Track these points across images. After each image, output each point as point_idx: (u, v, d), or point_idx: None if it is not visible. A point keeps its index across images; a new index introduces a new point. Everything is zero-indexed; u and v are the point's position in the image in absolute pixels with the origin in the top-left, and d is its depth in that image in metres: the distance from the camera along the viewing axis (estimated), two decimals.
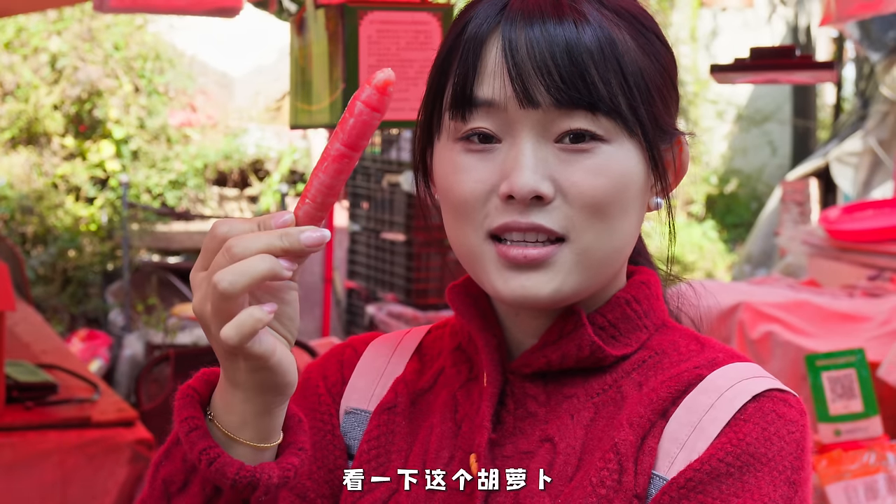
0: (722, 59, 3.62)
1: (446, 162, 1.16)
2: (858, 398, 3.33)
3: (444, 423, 1.23)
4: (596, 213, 1.12)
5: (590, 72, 1.10)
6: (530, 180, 1.10)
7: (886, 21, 8.47)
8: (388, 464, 1.23)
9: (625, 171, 1.13)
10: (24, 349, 4.32)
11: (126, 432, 3.59)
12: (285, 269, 1.03)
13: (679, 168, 1.22)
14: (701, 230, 12.38)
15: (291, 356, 1.08)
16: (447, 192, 1.17)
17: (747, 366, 1.16)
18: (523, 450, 1.17)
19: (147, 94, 10.07)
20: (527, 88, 1.10)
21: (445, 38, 1.20)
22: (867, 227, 5.70)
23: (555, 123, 1.11)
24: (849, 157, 8.94)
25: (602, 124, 1.11)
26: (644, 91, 1.13)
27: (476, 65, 1.13)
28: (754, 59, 3.26)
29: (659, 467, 1.11)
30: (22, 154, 9.69)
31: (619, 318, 1.20)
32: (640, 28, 1.16)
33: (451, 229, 1.19)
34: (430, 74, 1.21)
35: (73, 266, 9.28)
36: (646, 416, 1.12)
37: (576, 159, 1.12)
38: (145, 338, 7.88)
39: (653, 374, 1.17)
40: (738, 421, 1.09)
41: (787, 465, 1.07)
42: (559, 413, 1.17)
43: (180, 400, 1.11)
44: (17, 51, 9.74)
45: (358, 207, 7.85)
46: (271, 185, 10.13)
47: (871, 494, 3.23)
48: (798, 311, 4.51)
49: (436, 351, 1.30)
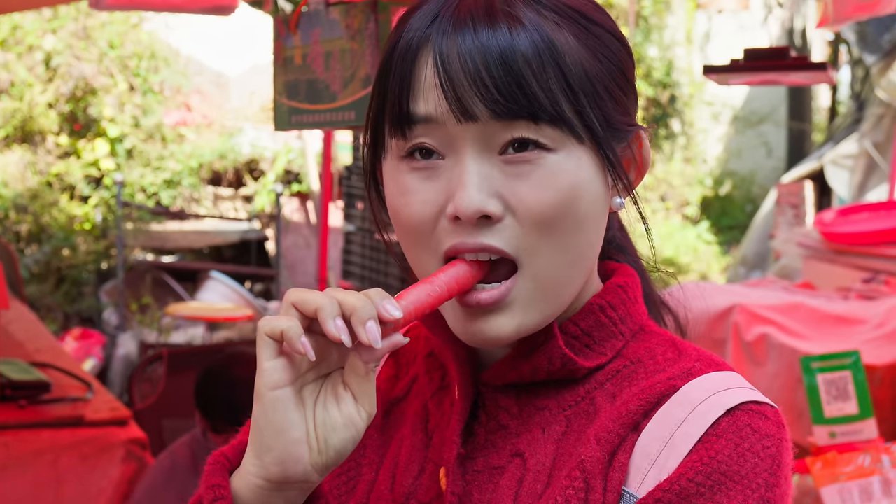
0: (717, 61, 3.61)
1: (392, 183, 1.12)
2: (853, 400, 3.32)
3: (414, 434, 1.20)
4: (546, 230, 1.07)
5: (527, 80, 1.04)
6: (475, 200, 1.05)
7: (882, 24, 8.48)
8: (358, 477, 1.22)
9: (574, 182, 1.07)
10: (17, 348, 4.31)
11: (119, 431, 3.58)
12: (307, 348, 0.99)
13: (641, 163, 1.17)
14: (696, 232, 12.38)
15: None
16: (396, 214, 1.12)
17: (725, 375, 1.11)
18: (494, 465, 1.14)
19: (142, 92, 10.06)
20: (462, 103, 1.05)
21: (383, 50, 1.15)
22: (862, 229, 5.69)
23: (496, 135, 1.06)
24: (844, 160, 8.94)
25: (546, 133, 1.06)
26: (591, 93, 1.08)
27: (410, 80, 1.07)
28: (748, 60, 3.26)
29: (629, 484, 1.07)
30: (16, 152, 9.67)
31: (593, 326, 1.16)
32: (585, 24, 1.10)
33: (405, 251, 1.15)
34: (372, 90, 1.16)
35: (67, 265, 9.27)
36: (615, 431, 1.08)
37: (521, 172, 1.06)
38: (139, 337, 7.87)
39: (627, 385, 1.13)
40: (711, 437, 1.04)
41: (762, 482, 1.03)
42: (530, 426, 1.14)
43: (211, 465, 1.08)
44: (12, 49, 9.72)
45: (353, 208, 7.84)
46: (266, 184, 10.12)
47: (865, 497, 3.22)
48: (793, 313, 4.51)
49: (411, 355, 1.28)
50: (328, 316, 0.98)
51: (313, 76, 2.32)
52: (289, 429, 1.00)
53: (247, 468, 1.03)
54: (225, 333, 8.01)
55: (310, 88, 2.34)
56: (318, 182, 9.72)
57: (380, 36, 2.16)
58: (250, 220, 10.06)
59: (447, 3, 1.09)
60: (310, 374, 1.03)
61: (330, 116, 2.29)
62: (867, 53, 8.73)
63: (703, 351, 1.16)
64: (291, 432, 1.00)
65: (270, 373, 1.00)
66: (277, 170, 10.15)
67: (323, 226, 6.59)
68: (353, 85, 2.22)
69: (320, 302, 0.99)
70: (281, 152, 10.20)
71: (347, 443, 1.02)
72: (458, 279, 1.08)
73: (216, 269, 9.09)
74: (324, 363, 1.04)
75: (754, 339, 4.37)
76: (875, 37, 8.60)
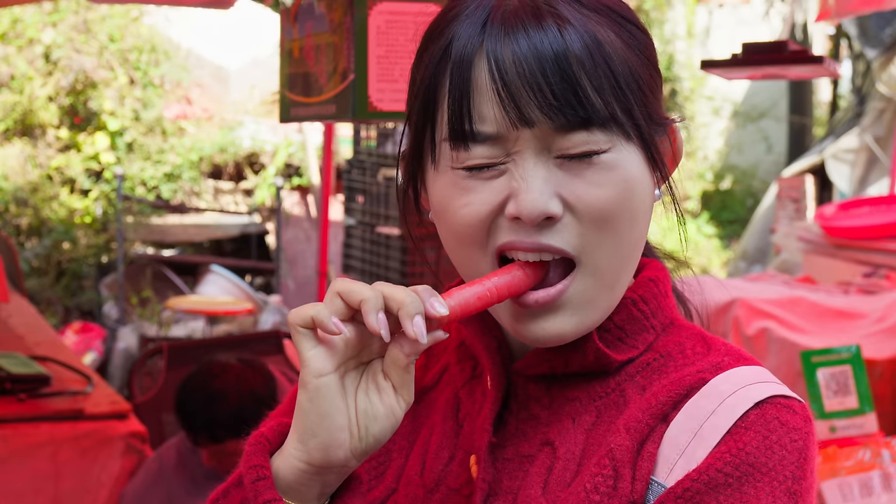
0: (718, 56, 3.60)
1: (447, 187, 1.12)
2: (854, 395, 3.32)
3: (445, 422, 1.22)
4: (605, 225, 1.09)
5: (582, 84, 1.06)
6: (539, 203, 1.07)
7: (883, 18, 8.47)
8: (388, 462, 1.23)
9: (627, 177, 1.10)
10: (17, 341, 4.31)
11: (119, 425, 3.58)
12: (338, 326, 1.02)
13: (675, 154, 1.20)
14: (696, 226, 12.38)
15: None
16: (449, 215, 1.13)
17: (753, 370, 1.13)
18: (524, 453, 1.15)
19: (142, 86, 10.05)
20: (520, 110, 1.06)
21: (425, 54, 1.15)
22: (863, 224, 5.69)
23: (554, 141, 1.08)
24: (845, 154, 8.93)
25: (600, 136, 1.08)
26: (636, 91, 1.10)
27: (469, 92, 1.08)
28: (746, 54, 3.25)
29: (658, 473, 1.08)
30: (16, 146, 9.67)
31: (626, 320, 1.17)
32: (620, 21, 1.12)
33: (454, 252, 1.16)
34: (414, 94, 1.16)
35: (67, 258, 9.27)
36: (644, 421, 1.10)
37: (579, 171, 1.08)
38: (139, 330, 7.87)
39: (656, 378, 1.15)
40: (739, 429, 1.06)
41: (788, 474, 1.05)
42: (561, 416, 1.16)
43: (252, 446, 1.09)
44: (12, 42, 9.71)
45: (353, 201, 7.84)
46: (266, 178, 10.12)
47: (865, 491, 3.22)
48: (793, 307, 4.51)
49: (442, 345, 1.29)
50: (371, 308, 1.01)
51: (307, 69, 2.32)
52: (333, 415, 1.03)
53: (290, 451, 1.06)
54: (225, 327, 8.01)
55: (304, 81, 2.34)
56: (319, 176, 9.72)
57: (355, 31, 2.16)
58: (251, 214, 10.06)
59: (495, 8, 1.10)
60: (351, 363, 1.05)
61: (317, 109, 2.29)
62: (868, 48, 8.71)
63: (731, 346, 1.18)
64: (335, 418, 1.03)
65: (314, 361, 1.03)
66: (278, 163, 10.14)
67: (323, 219, 6.58)
68: (335, 78, 2.22)
69: (365, 294, 1.01)
70: (281, 146, 10.20)
71: (387, 431, 1.05)
72: (510, 284, 1.09)
73: (216, 262, 9.10)
74: (364, 352, 1.06)
75: (755, 334, 4.37)
76: (876, 31, 8.58)
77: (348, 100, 2.18)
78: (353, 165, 7.78)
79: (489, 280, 1.09)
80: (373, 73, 2.16)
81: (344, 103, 2.19)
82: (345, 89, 2.18)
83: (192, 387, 3.33)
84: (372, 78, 2.16)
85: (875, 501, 3.20)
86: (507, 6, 1.09)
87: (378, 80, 2.17)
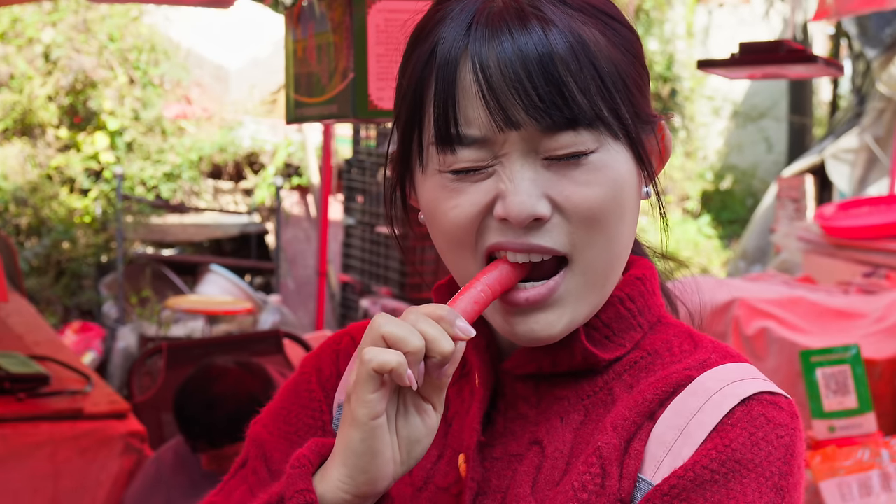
0: (718, 56, 3.60)
1: (435, 189, 1.13)
2: (853, 395, 3.32)
3: None
4: (594, 225, 1.10)
5: (567, 85, 1.06)
6: (526, 204, 1.07)
7: (883, 18, 8.46)
8: None
9: (616, 176, 1.10)
10: (16, 340, 4.31)
11: (118, 424, 3.57)
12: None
13: (664, 152, 1.19)
14: (696, 226, 12.38)
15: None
16: (438, 218, 1.13)
17: (739, 367, 1.13)
18: (512, 452, 1.16)
19: (142, 85, 10.05)
20: (506, 113, 1.07)
21: (411, 56, 1.15)
22: (863, 223, 5.70)
23: (541, 142, 1.08)
24: (845, 154, 8.93)
25: (587, 136, 1.08)
26: (622, 90, 1.10)
27: (454, 95, 1.08)
28: (744, 54, 3.25)
29: (645, 471, 1.09)
30: (16, 145, 9.66)
31: (613, 318, 1.17)
32: (605, 19, 1.12)
33: (445, 254, 1.16)
34: (401, 98, 1.16)
35: (66, 258, 9.26)
36: (631, 419, 1.10)
37: (566, 172, 1.09)
38: (139, 330, 7.87)
39: (644, 376, 1.15)
40: (725, 426, 1.06)
41: (775, 470, 1.05)
42: (549, 415, 1.16)
43: (295, 469, 1.09)
44: (12, 41, 9.70)
45: (353, 201, 7.84)
46: (266, 178, 10.11)
47: (864, 491, 3.22)
48: (793, 307, 4.51)
49: None
50: (413, 362, 1.02)
51: (310, 69, 2.32)
52: (384, 451, 1.05)
53: (335, 482, 1.06)
54: (225, 327, 8.01)
55: (308, 81, 2.34)
56: (318, 175, 9.71)
57: (354, 29, 2.15)
58: (250, 214, 10.06)
59: (479, 11, 1.10)
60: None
61: (320, 109, 2.29)
62: (868, 47, 8.71)
63: (718, 343, 1.18)
64: (385, 454, 1.05)
65: (374, 405, 1.03)
66: (277, 163, 10.14)
67: (323, 219, 6.59)
68: (336, 78, 2.22)
69: (410, 346, 1.02)
70: (281, 146, 10.19)
71: (426, 449, 1.08)
72: (500, 279, 1.10)
73: (216, 262, 9.09)
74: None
75: (754, 333, 4.37)
76: (876, 31, 8.58)
77: (349, 99, 2.17)
78: (352, 165, 7.79)
79: (479, 281, 1.09)
80: (373, 72, 2.15)
81: (345, 102, 2.19)
82: (345, 88, 2.18)
83: (190, 392, 3.31)
84: (372, 76, 2.16)
85: (874, 501, 3.21)
86: (491, 8, 1.09)
87: (378, 78, 2.17)
